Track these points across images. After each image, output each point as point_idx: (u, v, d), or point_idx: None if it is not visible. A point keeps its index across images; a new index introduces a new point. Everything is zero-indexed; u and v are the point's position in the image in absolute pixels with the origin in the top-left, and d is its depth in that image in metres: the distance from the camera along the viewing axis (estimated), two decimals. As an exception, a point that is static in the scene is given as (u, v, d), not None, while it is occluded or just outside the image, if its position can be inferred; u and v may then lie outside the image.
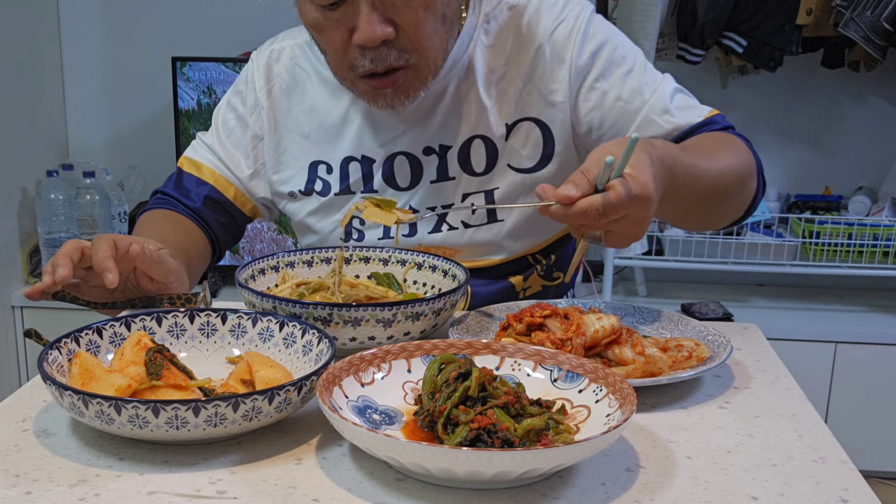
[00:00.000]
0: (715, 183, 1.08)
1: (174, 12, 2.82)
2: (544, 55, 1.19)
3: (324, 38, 1.12)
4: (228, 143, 1.32)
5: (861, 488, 0.73)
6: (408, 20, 1.07)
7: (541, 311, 0.96)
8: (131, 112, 2.89)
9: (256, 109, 1.30)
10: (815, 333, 2.54)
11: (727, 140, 1.16)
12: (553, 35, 1.19)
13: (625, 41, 1.23)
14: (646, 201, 0.90)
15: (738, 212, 1.19)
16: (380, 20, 1.05)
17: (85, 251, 1.01)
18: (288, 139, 1.29)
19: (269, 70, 1.30)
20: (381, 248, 1.15)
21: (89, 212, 2.60)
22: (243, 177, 1.32)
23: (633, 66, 1.20)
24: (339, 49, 1.10)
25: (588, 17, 1.21)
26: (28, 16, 2.70)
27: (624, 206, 0.89)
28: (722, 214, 1.19)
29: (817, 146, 2.85)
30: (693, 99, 1.24)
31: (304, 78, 1.29)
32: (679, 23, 2.51)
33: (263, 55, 1.32)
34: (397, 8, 1.06)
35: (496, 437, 0.71)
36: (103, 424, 0.74)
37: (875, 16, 2.39)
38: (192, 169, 1.32)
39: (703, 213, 1.16)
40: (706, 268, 2.61)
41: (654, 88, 1.19)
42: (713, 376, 0.95)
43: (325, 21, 1.08)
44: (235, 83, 1.35)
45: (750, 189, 1.17)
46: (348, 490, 0.71)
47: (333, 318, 0.92)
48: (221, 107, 1.35)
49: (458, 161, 1.22)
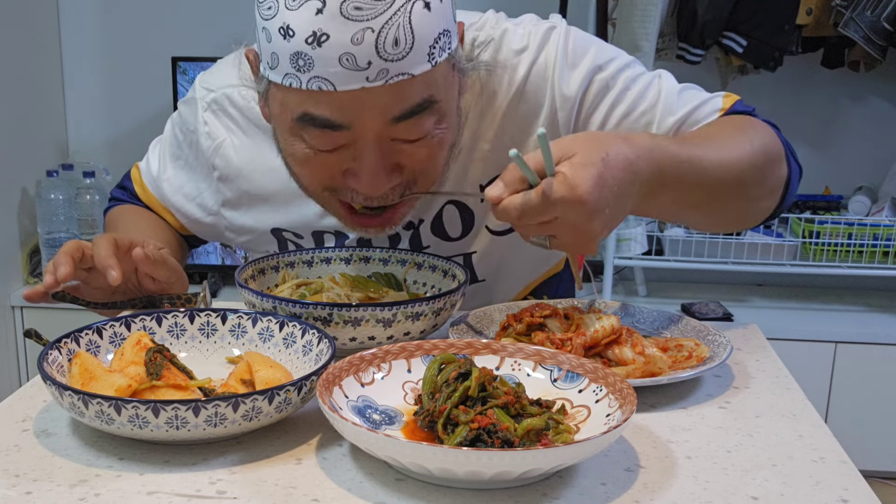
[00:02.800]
0: (725, 172, 0.97)
1: (174, 12, 2.81)
2: (518, 104, 1.07)
3: (304, 169, 0.96)
4: (170, 185, 1.23)
5: (861, 488, 0.73)
6: (416, 160, 0.94)
7: (541, 311, 0.96)
8: (131, 112, 2.89)
9: (204, 166, 1.18)
10: (815, 333, 2.54)
11: (744, 123, 1.04)
12: (528, 79, 1.06)
13: (609, 51, 1.09)
14: (576, 204, 0.80)
15: (767, 207, 1.06)
16: (387, 169, 0.93)
17: (86, 251, 1.01)
18: (247, 203, 1.17)
19: (215, 125, 1.15)
20: (380, 248, 1.14)
21: (89, 212, 2.60)
22: (186, 222, 1.24)
23: (628, 79, 1.07)
24: (321, 182, 0.96)
25: (562, 45, 1.06)
26: (28, 16, 2.69)
27: (548, 208, 0.81)
28: (744, 209, 1.06)
29: (817, 146, 2.85)
30: (700, 92, 1.11)
31: (252, 134, 1.14)
32: (679, 23, 2.51)
33: (204, 102, 1.15)
34: (406, 152, 0.93)
35: (496, 437, 0.71)
36: (103, 424, 0.74)
37: (875, 16, 2.39)
38: (142, 194, 1.26)
39: (718, 208, 1.03)
40: (706, 268, 2.61)
41: (656, 99, 1.07)
42: (713, 376, 0.95)
43: (315, 158, 0.93)
44: (180, 123, 1.20)
45: (778, 176, 1.04)
46: (348, 490, 0.71)
47: (333, 318, 0.92)
48: (166, 141, 1.24)
49: (432, 230, 1.14)
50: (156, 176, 1.25)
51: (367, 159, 0.91)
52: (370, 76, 0.86)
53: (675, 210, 1.02)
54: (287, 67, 0.88)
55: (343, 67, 0.86)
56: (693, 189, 0.95)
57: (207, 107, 1.16)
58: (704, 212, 1.04)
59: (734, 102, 1.09)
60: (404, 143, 0.93)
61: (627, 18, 2.42)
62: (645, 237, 2.64)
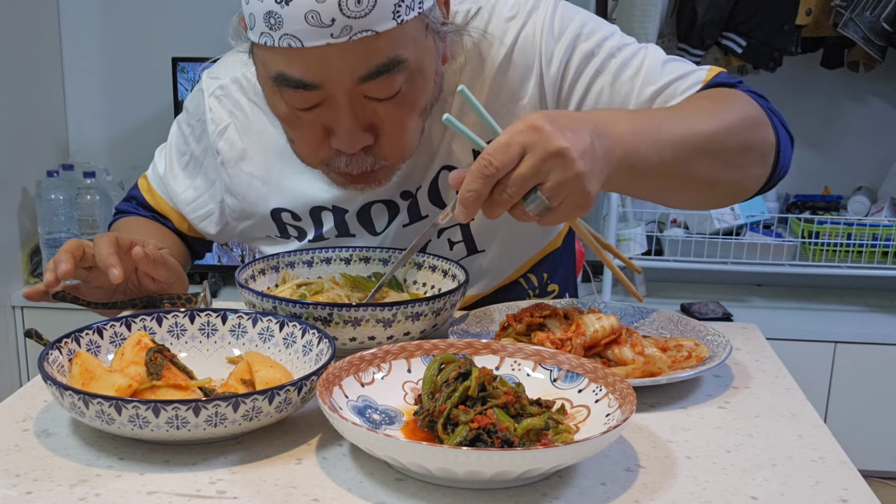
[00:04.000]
0: (702, 139, 0.95)
1: (174, 12, 2.82)
2: (507, 70, 1.09)
3: (295, 132, 1.02)
4: (183, 175, 1.26)
5: (861, 488, 0.73)
6: (389, 125, 0.98)
7: (541, 311, 0.96)
8: (131, 112, 2.89)
9: (210, 153, 1.22)
10: (815, 333, 2.54)
11: (719, 94, 1.03)
12: (514, 49, 1.08)
13: (596, 23, 1.10)
14: (534, 132, 0.78)
15: (760, 175, 1.04)
16: (360, 129, 0.97)
17: (87, 250, 1.01)
18: (245, 185, 1.20)
19: (219, 110, 1.19)
20: (380, 249, 1.15)
21: (89, 212, 2.61)
22: (194, 217, 1.26)
23: (613, 50, 1.08)
24: (311, 146, 1.01)
25: (549, 15, 1.08)
26: (28, 16, 2.70)
27: (501, 157, 0.79)
28: (735, 178, 1.02)
29: (817, 146, 2.85)
30: (687, 64, 1.10)
31: (257, 116, 1.18)
32: (679, 23, 2.51)
33: (209, 90, 1.20)
34: (379, 113, 0.97)
35: (496, 437, 0.71)
36: (103, 424, 0.74)
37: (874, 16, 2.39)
38: (150, 198, 1.29)
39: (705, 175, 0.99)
40: (706, 268, 2.61)
41: (639, 68, 1.07)
42: (713, 376, 0.95)
43: (298, 119, 0.99)
44: (186, 118, 1.25)
45: (763, 139, 1.02)
46: (348, 490, 0.71)
47: (333, 318, 0.93)
48: (172, 142, 1.27)
49: (429, 198, 1.15)
50: (162, 175, 1.28)
51: (340, 117, 0.95)
52: (334, 33, 0.90)
53: (654, 184, 0.97)
54: (262, 27, 0.93)
55: (308, 24, 0.90)
56: (664, 159, 0.92)
57: (212, 93, 1.20)
58: (689, 185, 1.00)
59: (717, 74, 1.08)
60: (376, 103, 0.96)
61: (627, 18, 2.42)
62: (644, 237, 2.64)
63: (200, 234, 1.29)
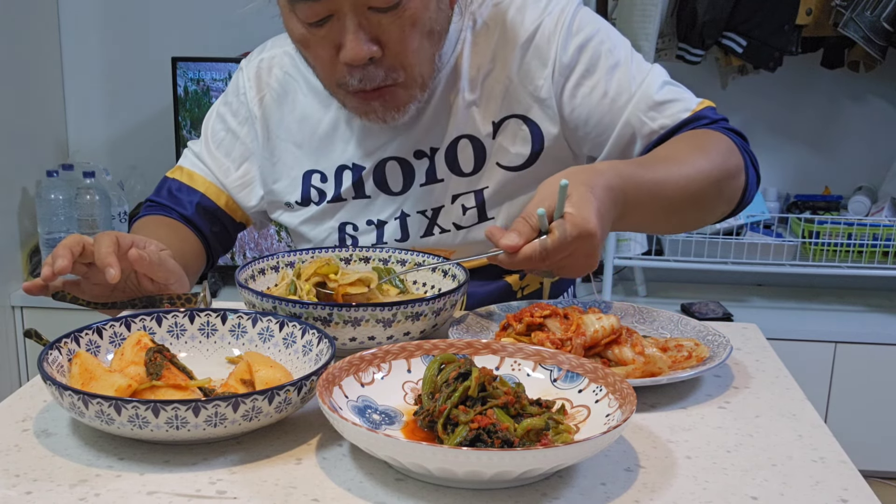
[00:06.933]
0: (683, 192, 1.07)
1: (174, 12, 2.82)
2: (528, 51, 1.17)
3: (311, 53, 1.11)
4: (218, 153, 1.31)
5: (861, 488, 0.73)
6: (394, 39, 1.05)
7: (541, 311, 0.96)
8: (131, 112, 2.90)
9: (248, 121, 1.30)
10: (815, 333, 2.54)
11: (705, 139, 1.14)
12: (537, 31, 1.17)
13: (612, 33, 1.21)
14: (588, 237, 0.93)
15: (724, 212, 1.18)
16: (366, 39, 1.04)
17: (86, 246, 1.01)
18: (281, 149, 1.28)
19: (259, 80, 1.29)
20: (381, 248, 1.15)
21: (89, 212, 2.61)
22: (233, 187, 1.31)
23: (620, 59, 1.18)
24: (326, 65, 1.09)
25: (573, 10, 1.18)
26: (28, 16, 2.70)
27: (565, 246, 0.93)
28: (701, 218, 1.18)
29: (817, 146, 2.85)
30: (684, 91, 1.21)
31: (294, 87, 1.27)
32: (679, 23, 2.51)
33: (252, 65, 1.30)
34: (384, 26, 1.04)
35: (496, 437, 0.71)
36: (103, 424, 0.74)
37: (875, 16, 2.39)
38: (184, 177, 1.32)
39: (678, 220, 1.15)
40: (706, 268, 2.62)
41: (641, 82, 1.17)
42: (713, 376, 0.95)
43: (312, 37, 1.07)
44: (225, 94, 1.34)
45: (734, 188, 1.15)
46: (348, 490, 0.71)
47: (333, 318, 0.93)
48: (211, 117, 1.34)
49: (446, 162, 1.21)
50: (198, 152, 1.33)
51: (346, 28, 1.04)
52: None
53: (640, 225, 1.18)
54: None
55: None
56: (650, 210, 1.07)
57: (253, 69, 1.30)
58: (666, 223, 1.17)
59: (705, 108, 1.19)
60: (380, 14, 1.04)
61: (627, 18, 2.42)
62: (645, 237, 2.64)
63: (235, 210, 1.33)
